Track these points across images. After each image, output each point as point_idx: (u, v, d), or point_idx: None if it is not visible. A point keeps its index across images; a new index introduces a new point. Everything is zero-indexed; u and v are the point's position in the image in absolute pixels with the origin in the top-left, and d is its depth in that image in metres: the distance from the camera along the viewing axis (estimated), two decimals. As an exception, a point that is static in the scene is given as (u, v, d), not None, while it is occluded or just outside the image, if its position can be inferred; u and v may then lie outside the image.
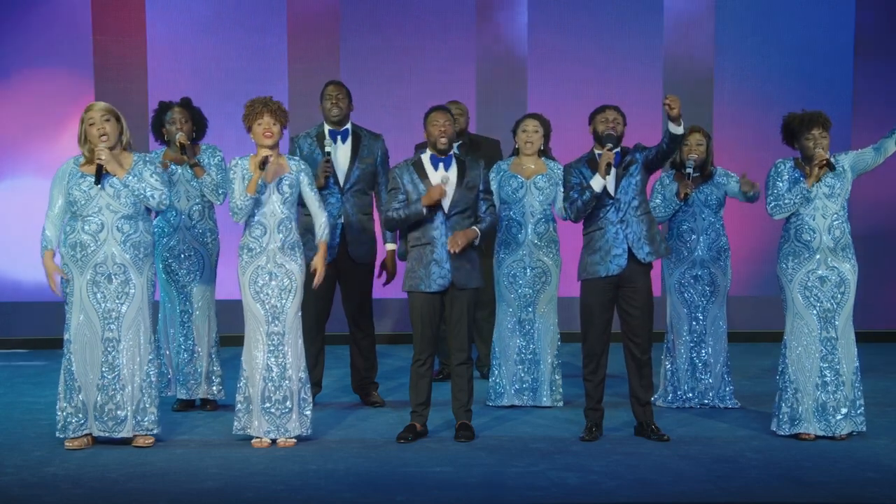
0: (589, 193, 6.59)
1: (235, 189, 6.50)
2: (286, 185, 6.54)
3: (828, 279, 6.67)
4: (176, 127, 7.31)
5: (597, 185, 6.58)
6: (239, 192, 6.48)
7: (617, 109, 6.72)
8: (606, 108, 6.72)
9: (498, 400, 7.62)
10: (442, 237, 6.66)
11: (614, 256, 6.61)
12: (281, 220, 6.54)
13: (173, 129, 7.32)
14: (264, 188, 6.50)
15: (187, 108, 7.39)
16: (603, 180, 6.57)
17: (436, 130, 6.72)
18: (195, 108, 7.44)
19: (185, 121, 7.35)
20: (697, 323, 7.56)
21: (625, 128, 6.71)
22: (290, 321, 6.56)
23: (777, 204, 6.69)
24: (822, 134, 6.66)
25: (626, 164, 6.63)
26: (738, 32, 10.44)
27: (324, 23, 10.30)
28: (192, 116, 7.39)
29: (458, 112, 8.49)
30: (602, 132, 6.64)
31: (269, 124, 6.49)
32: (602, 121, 6.68)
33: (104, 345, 6.43)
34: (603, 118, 6.68)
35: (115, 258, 6.42)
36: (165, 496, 5.64)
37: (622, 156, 6.67)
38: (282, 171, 6.56)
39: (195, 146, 7.43)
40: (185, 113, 7.37)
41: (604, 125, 6.66)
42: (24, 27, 10.06)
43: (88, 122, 6.40)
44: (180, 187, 7.36)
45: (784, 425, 6.71)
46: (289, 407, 6.55)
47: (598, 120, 6.70)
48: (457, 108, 8.51)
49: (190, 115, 7.38)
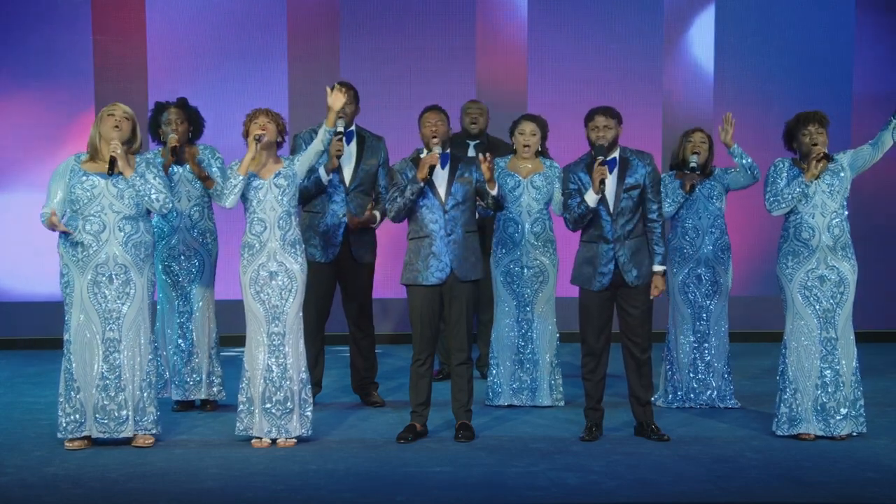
0: (584, 208, 6.60)
1: (228, 183, 6.57)
2: (282, 179, 6.56)
3: (827, 279, 6.67)
4: (171, 128, 7.31)
5: (591, 201, 6.59)
6: (230, 190, 6.55)
7: (606, 113, 6.64)
8: (596, 113, 6.66)
9: (496, 399, 7.63)
10: (441, 230, 6.67)
11: (600, 274, 6.62)
12: (280, 214, 6.56)
13: (168, 131, 7.31)
14: (256, 182, 6.56)
15: (183, 108, 7.38)
16: (597, 195, 6.57)
17: (427, 130, 6.75)
18: (192, 108, 7.43)
19: (180, 121, 7.34)
20: (701, 323, 7.55)
21: (620, 127, 6.68)
22: (290, 321, 6.56)
23: (776, 199, 6.68)
24: (819, 130, 6.66)
25: (628, 187, 6.62)
26: (738, 32, 10.43)
27: (324, 23, 10.30)
28: (188, 117, 7.38)
29: (478, 111, 8.56)
30: (595, 142, 6.62)
31: (265, 122, 6.59)
32: (592, 129, 6.65)
33: (105, 345, 6.44)
34: (594, 126, 6.65)
35: (116, 258, 6.42)
36: (165, 496, 5.64)
37: (622, 165, 6.63)
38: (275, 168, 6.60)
39: (193, 147, 7.43)
40: (182, 113, 7.36)
41: (594, 133, 6.63)
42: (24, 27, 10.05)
43: (107, 113, 6.44)
44: (181, 188, 7.36)
45: (783, 425, 6.72)
46: (289, 407, 6.55)
47: (589, 127, 6.68)
48: (477, 108, 8.59)
49: (186, 115, 7.37)
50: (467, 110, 8.59)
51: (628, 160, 6.66)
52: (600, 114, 6.65)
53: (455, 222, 6.69)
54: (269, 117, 6.61)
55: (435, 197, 6.69)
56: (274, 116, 6.64)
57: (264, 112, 6.63)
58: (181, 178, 7.37)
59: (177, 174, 7.36)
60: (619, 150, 6.69)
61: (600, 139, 6.60)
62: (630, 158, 6.67)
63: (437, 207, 6.69)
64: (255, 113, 6.63)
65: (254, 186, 6.56)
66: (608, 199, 6.62)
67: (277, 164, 6.63)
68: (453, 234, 6.68)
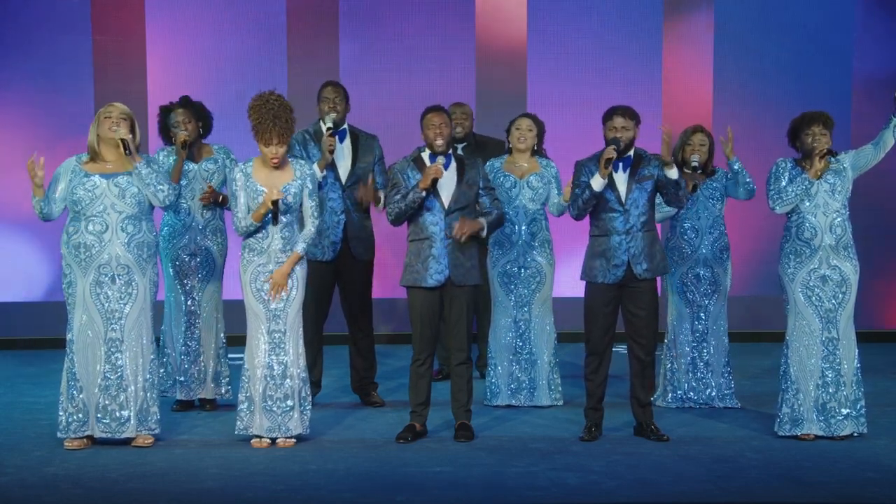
0: (589, 192, 6.58)
1: (239, 203, 6.50)
2: (290, 196, 6.52)
3: (829, 279, 6.66)
4: (181, 129, 7.30)
5: (596, 185, 6.57)
6: (243, 213, 6.49)
7: (625, 114, 6.62)
8: (615, 113, 6.64)
9: (494, 399, 7.63)
10: (441, 233, 6.66)
11: (614, 266, 6.61)
12: (284, 223, 6.54)
13: (178, 132, 7.30)
14: (269, 221, 6.51)
15: (188, 107, 7.37)
16: (603, 179, 6.56)
17: (431, 133, 6.71)
18: (196, 105, 7.41)
19: (188, 121, 7.34)
20: (699, 322, 7.55)
21: (637, 128, 6.66)
22: (290, 320, 6.56)
23: (779, 196, 6.68)
24: (822, 131, 6.66)
25: (641, 177, 6.62)
26: (738, 32, 10.44)
27: (323, 22, 10.29)
28: (194, 114, 7.38)
29: (462, 115, 8.48)
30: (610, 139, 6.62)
31: (277, 149, 6.45)
32: (610, 129, 6.63)
33: (107, 345, 6.44)
34: (612, 126, 6.63)
35: (119, 259, 6.42)
36: (165, 496, 5.64)
37: (635, 161, 6.63)
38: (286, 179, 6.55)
39: (204, 146, 7.42)
40: (188, 113, 7.35)
41: (612, 133, 6.62)
42: (24, 27, 10.05)
43: (104, 115, 6.44)
44: (195, 185, 7.36)
45: (785, 426, 6.71)
46: (290, 405, 6.55)
47: (607, 127, 6.66)
48: (461, 111, 8.50)
49: (192, 113, 7.37)
50: (451, 114, 8.43)
51: (642, 156, 6.66)
52: (619, 115, 6.62)
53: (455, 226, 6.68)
54: (281, 139, 6.41)
55: (437, 200, 6.68)
56: (285, 137, 6.43)
57: (277, 132, 6.40)
58: (196, 175, 7.36)
59: (191, 171, 7.35)
60: (635, 149, 6.68)
61: (618, 136, 6.58)
62: (644, 155, 6.67)
63: (439, 210, 6.68)
64: (268, 127, 6.39)
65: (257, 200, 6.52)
66: (620, 191, 6.61)
67: (284, 177, 6.51)
68: (452, 238, 6.66)
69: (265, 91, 6.53)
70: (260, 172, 6.52)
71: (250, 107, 6.49)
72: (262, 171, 6.52)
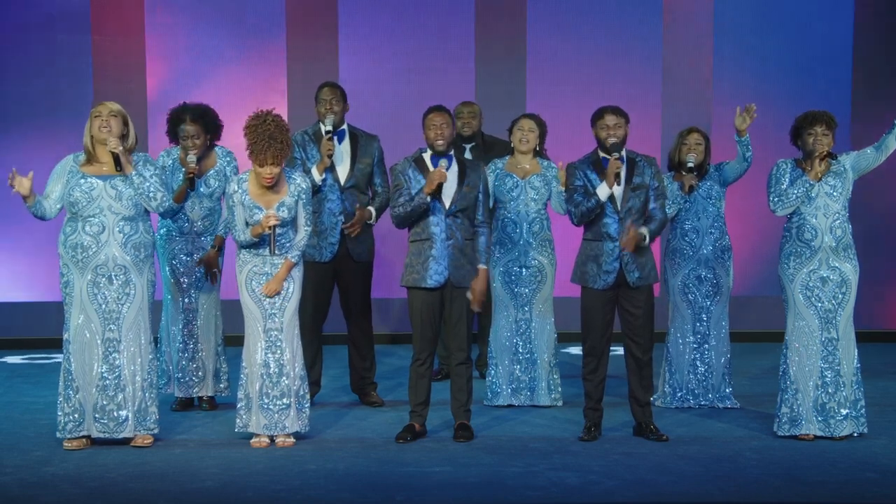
0: (594, 201, 6.58)
1: (237, 217, 6.50)
2: (285, 211, 6.51)
3: (829, 279, 6.66)
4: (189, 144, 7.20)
5: (603, 195, 6.58)
6: (241, 227, 6.50)
7: (616, 112, 6.65)
8: (605, 112, 6.67)
9: (494, 399, 7.63)
10: (442, 233, 6.66)
11: (605, 272, 6.61)
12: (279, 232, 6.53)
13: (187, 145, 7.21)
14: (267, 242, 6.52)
15: (198, 121, 7.25)
16: (609, 189, 6.56)
17: (432, 133, 6.70)
18: (208, 117, 7.30)
19: (197, 136, 7.25)
20: (701, 324, 7.55)
21: (628, 126, 6.68)
22: (287, 318, 6.56)
23: (780, 199, 6.68)
24: (825, 132, 6.66)
25: (636, 186, 6.62)
26: (737, 32, 10.43)
27: (323, 22, 10.29)
28: (204, 127, 7.28)
29: (470, 115, 8.47)
30: (605, 140, 6.61)
31: (272, 170, 6.41)
32: (602, 127, 6.64)
33: (105, 345, 6.44)
34: (603, 124, 6.64)
35: (116, 259, 6.43)
36: (165, 496, 5.64)
37: (630, 167, 6.63)
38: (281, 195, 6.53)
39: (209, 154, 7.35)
40: (198, 128, 7.25)
41: (604, 132, 6.63)
42: (24, 27, 10.05)
43: (94, 116, 6.43)
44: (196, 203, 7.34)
45: (785, 426, 6.71)
46: (287, 403, 6.55)
47: (598, 126, 6.67)
48: (469, 111, 8.49)
49: (202, 127, 7.27)
50: (459, 114, 8.43)
51: (635, 161, 6.66)
52: (610, 112, 6.64)
53: (456, 228, 6.68)
54: (276, 160, 6.37)
55: (438, 201, 6.68)
56: (279, 158, 6.38)
57: (272, 153, 6.35)
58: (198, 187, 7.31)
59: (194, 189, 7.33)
60: (626, 151, 6.68)
61: (611, 137, 6.59)
62: (637, 160, 6.67)
63: (440, 211, 6.68)
64: (263, 147, 6.35)
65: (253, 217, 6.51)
66: (616, 197, 6.62)
67: (280, 193, 6.52)
68: (452, 240, 6.66)
69: (263, 110, 6.47)
70: (255, 187, 6.50)
71: (247, 126, 6.44)
72: (258, 185, 6.51)
